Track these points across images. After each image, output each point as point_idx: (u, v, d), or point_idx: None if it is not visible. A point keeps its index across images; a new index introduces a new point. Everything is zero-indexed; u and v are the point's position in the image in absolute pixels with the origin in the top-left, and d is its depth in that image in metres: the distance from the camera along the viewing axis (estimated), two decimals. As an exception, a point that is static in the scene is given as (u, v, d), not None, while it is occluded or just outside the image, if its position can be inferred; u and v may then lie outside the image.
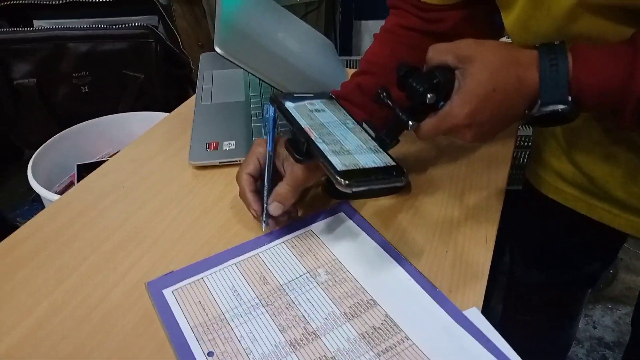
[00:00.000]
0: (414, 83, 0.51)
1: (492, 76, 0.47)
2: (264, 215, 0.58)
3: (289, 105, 0.55)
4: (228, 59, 0.63)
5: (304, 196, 0.66)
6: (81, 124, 1.03)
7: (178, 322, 0.50)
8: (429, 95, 0.50)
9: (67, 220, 0.64)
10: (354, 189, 0.45)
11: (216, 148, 0.75)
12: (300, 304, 0.52)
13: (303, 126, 0.52)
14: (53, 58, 1.15)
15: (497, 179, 0.69)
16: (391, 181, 0.50)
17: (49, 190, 0.92)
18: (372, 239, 0.59)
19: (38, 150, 0.94)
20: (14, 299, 0.53)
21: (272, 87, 0.69)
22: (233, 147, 0.75)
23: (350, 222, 0.62)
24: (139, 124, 1.04)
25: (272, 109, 0.60)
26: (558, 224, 0.78)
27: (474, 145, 0.75)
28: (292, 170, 0.57)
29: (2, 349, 0.48)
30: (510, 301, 0.97)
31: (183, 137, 0.79)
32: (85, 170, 1.03)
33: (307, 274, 0.55)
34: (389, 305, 0.52)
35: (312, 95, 0.58)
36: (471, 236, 0.60)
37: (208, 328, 0.50)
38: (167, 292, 0.53)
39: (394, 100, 0.53)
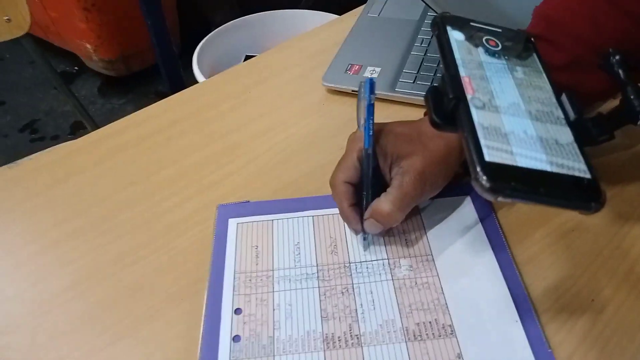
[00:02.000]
0: None
1: None
2: (363, 232, 0.44)
3: (455, 36, 0.37)
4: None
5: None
6: (254, 14, 1.00)
7: (226, 261, 0.45)
8: None
9: (182, 115, 0.61)
10: (500, 198, 0.29)
11: (357, 72, 0.63)
12: (359, 294, 0.41)
13: (461, 74, 0.34)
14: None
15: None
16: (570, 204, 0.31)
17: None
18: (492, 247, 0.44)
19: (205, 38, 0.94)
20: (103, 180, 0.54)
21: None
22: (376, 75, 0.62)
23: (472, 215, 0.46)
24: (314, 23, 0.96)
25: (368, 86, 0.42)
26: None
27: None
28: (402, 181, 0.42)
29: (72, 225, 0.49)
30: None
31: (333, 49, 0.69)
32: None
33: (386, 261, 0.44)
34: (469, 343, 0.38)
35: (499, 30, 0.39)
36: (643, 293, 0.40)
37: (250, 280, 0.43)
38: (232, 223, 0.48)
39: (629, 74, 0.34)
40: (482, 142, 0.30)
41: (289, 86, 0.65)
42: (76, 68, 2.03)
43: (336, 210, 0.47)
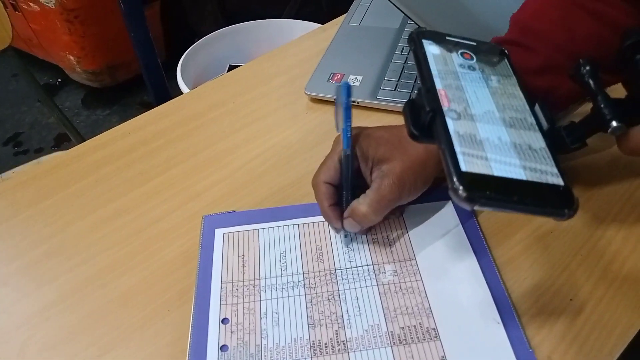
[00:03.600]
0: None
1: None
2: (344, 231, 0.46)
3: (431, 50, 0.38)
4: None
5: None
6: (238, 24, 1.01)
7: (212, 271, 0.45)
8: None
9: (167, 126, 0.62)
10: (476, 207, 0.30)
11: (339, 81, 0.64)
12: (345, 300, 0.42)
13: (437, 87, 0.35)
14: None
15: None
16: (544, 211, 0.31)
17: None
18: (473, 250, 0.45)
19: (189, 49, 0.95)
20: (89, 193, 0.54)
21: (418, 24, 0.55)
22: (358, 83, 0.63)
23: (454, 219, 0.48)
24: (297, 32, 0.97)
25: (345, 90, 0.43)
26: None
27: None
28: (381, 184, 0.43)
29: (59, 238, 0.49)
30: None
31: (316, 58, 0.70)
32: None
33: (371, 267, 0.45)
34: (453, 346, 0.39)
35: (474, 44, 0.40)
36: (620, 292, 0.41)
37: (237, 290, 0.43)
38: (219, 233, 0.48)
39: (600, 83, 0.35)
40: (458, 149, 0.31)
41: (273, 95, 0.66)
42: (59, 80, 2.02)
43: (321, 218, 0.48)
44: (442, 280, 0.43)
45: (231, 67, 1.01)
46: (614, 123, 0.33)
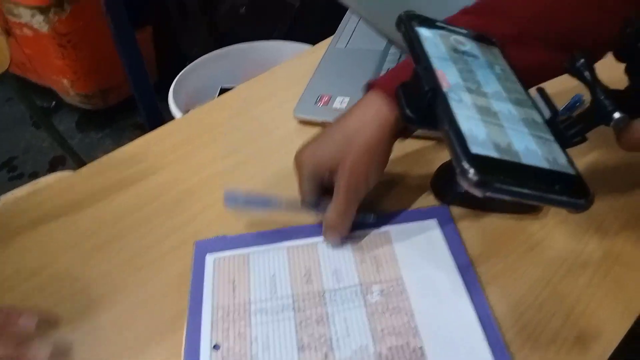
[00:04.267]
0: None
1: None
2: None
3: (423, 33, 0.36)
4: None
5: (394, 187, 0.54)
6: (228, 47, 1.03)
7: (204, 297, 0.46)
8: None
9: (159, 152, 0.63)
10: (489, 192, 0.27)
11: (327, 103, 0.66)
12: (334, 322, 0.43)
13: (434, 66, 0.33)
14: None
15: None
16: (560, 200, 0.29)
17: (189, 110, 0.96)
18: (458, 269, 0.46)
19: (181, 73, 0.96)
20: (82, 221, 0.55)
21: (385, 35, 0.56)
22: (345, 105, 0.65)
23: (439, 238, 0.48)
24: (287, 53, 0.99)
25: (231, 201, 0.49)
26: None
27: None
28: (338, 186, 0.45)
29: (54, 268, 0.50)
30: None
31: (305, 80, 0.72)
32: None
33: (359, 287, 0.45)
34: (440, 365, 0.39)
35: (465, 31, 0.39)
36: (602, 303, 0.42)
37: (228, 315, 0.44)
38: (209, 259, 0.49)
39: (596, 75, 0.34)
40: (466, 132, 0.29)
41: (263, 119, 0.67)
42: (54, 102, 2.03)
43: (309, 240, 0.49)
44: (428, 299, 0.44)
45: (223, 90, 1.03)
46: (617, 114, 0.31)
